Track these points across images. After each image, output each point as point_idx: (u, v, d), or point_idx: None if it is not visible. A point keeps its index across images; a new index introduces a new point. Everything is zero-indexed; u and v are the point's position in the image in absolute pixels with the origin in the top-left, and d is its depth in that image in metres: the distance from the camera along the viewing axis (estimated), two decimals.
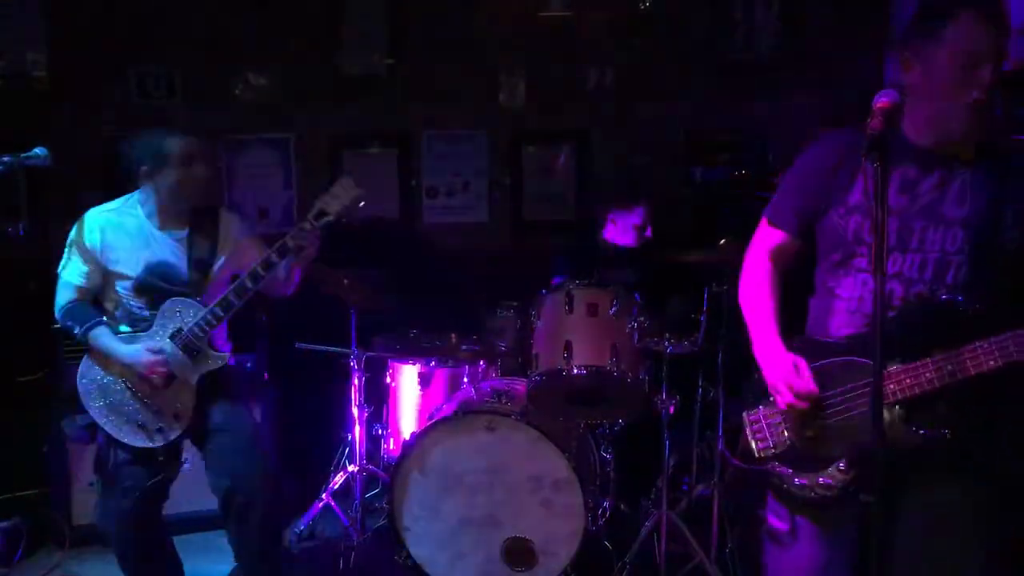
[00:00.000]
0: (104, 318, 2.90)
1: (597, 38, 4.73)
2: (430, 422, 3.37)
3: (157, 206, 2.91)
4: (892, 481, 1.81)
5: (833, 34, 4.77)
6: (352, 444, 3.79)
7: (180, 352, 2.84)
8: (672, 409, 3.33)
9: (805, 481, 2.02)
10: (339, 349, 3.77)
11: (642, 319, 3.27)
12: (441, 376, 3.74)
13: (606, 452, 3.58)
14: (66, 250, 2.92)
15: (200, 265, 2.90)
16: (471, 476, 3.26)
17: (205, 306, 2.84)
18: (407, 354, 3.81)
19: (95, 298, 2.96)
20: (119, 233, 2.89)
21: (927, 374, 1.91)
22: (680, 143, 4.87)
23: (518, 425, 3.22)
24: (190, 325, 2.82)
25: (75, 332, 2.86)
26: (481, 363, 3.70)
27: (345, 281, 3.61)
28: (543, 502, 3.23)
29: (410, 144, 4.75)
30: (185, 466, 3.03)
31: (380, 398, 3.87)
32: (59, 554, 3.71)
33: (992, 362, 1.85)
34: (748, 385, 2.19)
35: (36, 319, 4.00)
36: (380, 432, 3.83)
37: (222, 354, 2.92)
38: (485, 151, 4.80)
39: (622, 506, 3.66)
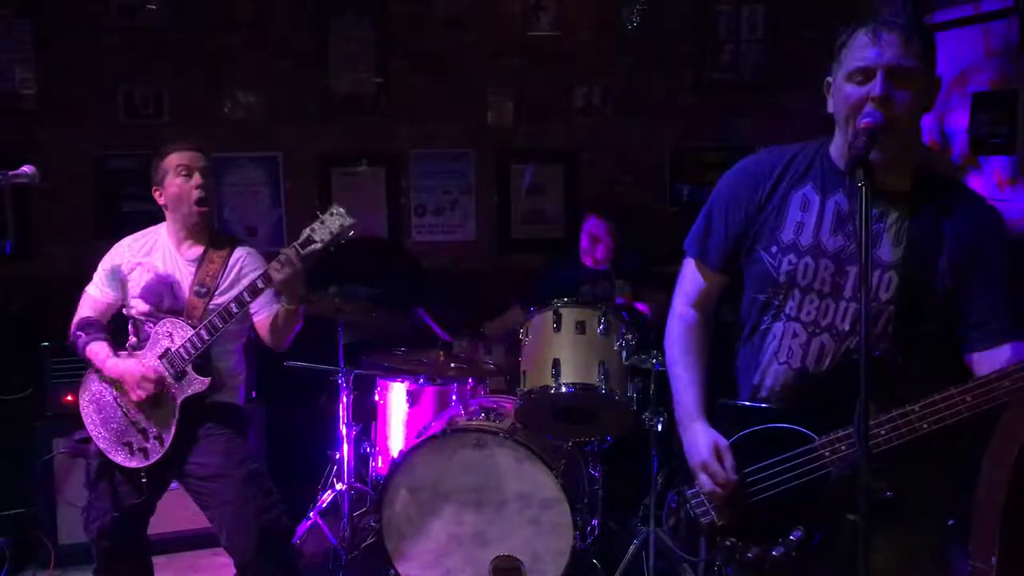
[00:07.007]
0: (105, 335, 2.92)
1: (585, 57, 4.77)
2: (418, 440, 3.38)
3: (171, 225, 2.97)
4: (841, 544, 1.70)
5: (818, 53, 4.81)
6: (340, 462, 3.78)
7: (167, 373, 2.85)
8: (660, 426, 3.34)
9: (755, 553, 1.84)
10: (327, 367, 3.76)
11: (629, 336, 3.29)
12: (429, 394, 3.74)
13: (594, 470, 3.59)
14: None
15: (201, 291, 2.90)
16: (459, 494, 3.27)
17: (194, 329, 2.84)
18: (395, 372, 3.81)
19: (112, 319, 3.00)
20: (142, 251, 2.97)
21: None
22: (667, 161, 4.90)
23: (506, 443, 3.23)
24: (176, 347, 2.83)
25: (78, 344, 2.91)
26: (469, 381, 3.71)
27: (336, 300, 3.61)
28: (531, 520, 3.23)
29: (398, 163, 4.77)
30: (171, 486, 3.01)
31: (368, 416, 3.87)
32: (43, 574, 3.68)
33: (925, 426, 1.66)
34: (680, 462, 2.00)
35: (22, 337, 4.00)
36: (368, 450, 3.81)
37: (203, 379, 2.83)
38: (473, 170, 4.83)
39: (610, 523, 3.66)
